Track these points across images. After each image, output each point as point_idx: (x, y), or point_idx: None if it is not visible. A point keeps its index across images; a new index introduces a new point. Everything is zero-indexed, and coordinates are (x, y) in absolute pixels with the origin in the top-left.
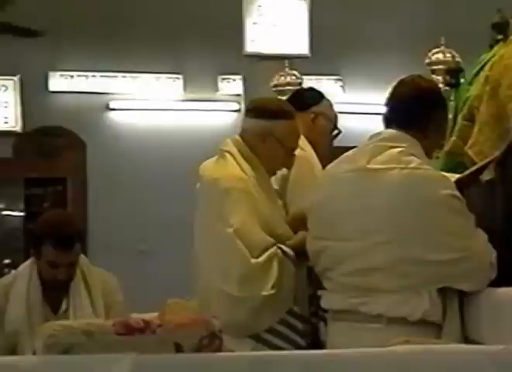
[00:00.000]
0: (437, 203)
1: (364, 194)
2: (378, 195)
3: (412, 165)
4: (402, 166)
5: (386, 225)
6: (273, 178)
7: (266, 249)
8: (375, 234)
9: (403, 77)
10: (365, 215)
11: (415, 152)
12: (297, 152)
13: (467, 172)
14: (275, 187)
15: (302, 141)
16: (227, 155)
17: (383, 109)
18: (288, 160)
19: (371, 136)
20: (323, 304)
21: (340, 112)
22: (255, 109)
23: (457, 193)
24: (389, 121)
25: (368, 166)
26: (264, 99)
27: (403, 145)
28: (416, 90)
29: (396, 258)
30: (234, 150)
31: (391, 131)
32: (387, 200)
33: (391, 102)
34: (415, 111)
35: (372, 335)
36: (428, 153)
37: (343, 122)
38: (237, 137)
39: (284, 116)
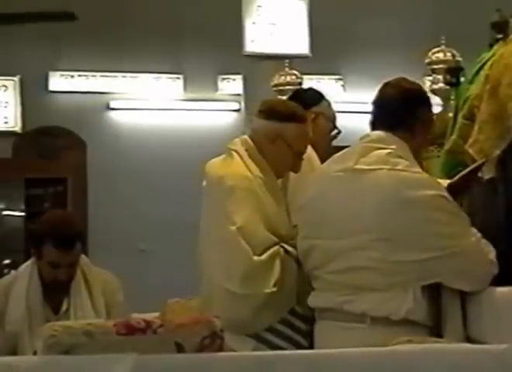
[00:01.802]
0: (423, 202)
1: (352, 194)
2: (365, 195)
3: (399, 167)
4: (389, 167)
5: (373, 225)
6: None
7: (269, 248)
8: (362, 233)
9: (400, 76)
10: (353, 215)
11: (403, 154)
12: None
13: (459, 175)
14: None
15: None
16: (234, 154)
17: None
18: (296, 163)
19: (361, 138)
20: (310, 302)
21: (341, 112)
22: (267, 110)
23: (444, 193)
24: (375, 123)
25: (356, 166)
26: (276, 101)
27: (392, 147)
28: (402, 91)
29: (382, 257)
30: (241, 149)
31: (379, 133)
32: (374, 200)
33: (377, 104)
34: (402, 112)
35: (355, 334)
36: (416, 154)
37: (343, 121)
38: (246, 137)
39: (295, 119)
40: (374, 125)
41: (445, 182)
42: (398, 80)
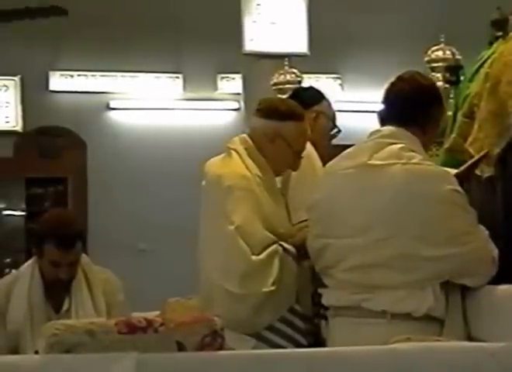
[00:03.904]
0: (440, 198)
1: (366, 190)
2: (380, 191)
3: (413, 161)
4: (403, 161)
5: (388, 221)
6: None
7: (267, 247)
8: (377, 230)
9: (411, 70)
10: (367, 211)
11: (415, 148)
12: None
13: (463, 167)
14: (278, 184)
15: None
16: (233, 153)
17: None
18: (295, 162)
19: (371, 133)
20: (324, 301)
21: (339, 110)
22: (266, 109)
23: (459, 188)
24: (387, 117)
25: (370, 162)
26: (274, 100)
27: (404, 141)
28: (417, 87)
29: (398, 254)
30: (240, 148)
31: (391, 128)
32: (389, 195)
33: (390, 99)
34: (416, 108)
35: (374, 330)
36: (425, 150)
37: (342, 120)
38: (245, 136)
39: (294, 118)
40: (385, 120)
41: (452, 171)
42: (411, 75)
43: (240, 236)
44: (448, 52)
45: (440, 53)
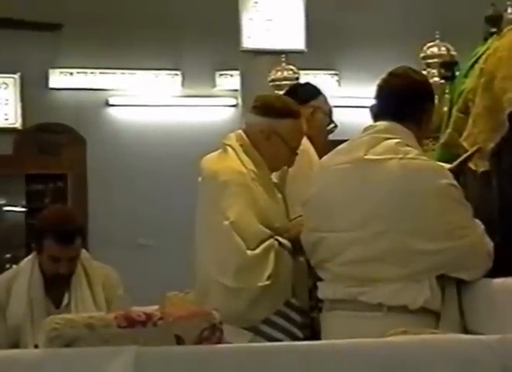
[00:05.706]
0: (436, 192)
1: (363, 185)
2: (376, 185)
3: (410, 155)
4: (400, 156)
5: (385, 215)
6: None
7: (263, 241)
8: (374, 224)
9: (403, 65)
10: (364, 205)
11: (411, 143)
12: None
13: (455, 162)
14: (274, 180)
15: None
16: (229, 149)
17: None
18: (290, 158)
19: (366, 128)
20: (320, 294)
21: (336, 106)
22: (262, 106)
23: (455, 182)
24: (381, 113)
25: (366, 157)
26: (271, 97)
27: (399, 136)
28: (411, 83)
29: (394, 247)
30: (236, 144)
31: (386, 123)
32: (386, 190)
33: (384, 95)
34: (411, 104)
35: (371, 323)
36: (420, 144)
37: (339, 115)
38: (241, 132)
39: (290, 115)
40: (378, 115)
41: (446, 166)
42: (404, 70)
43: (235, 231)
44: (443, 48)
45: (435, 50)
